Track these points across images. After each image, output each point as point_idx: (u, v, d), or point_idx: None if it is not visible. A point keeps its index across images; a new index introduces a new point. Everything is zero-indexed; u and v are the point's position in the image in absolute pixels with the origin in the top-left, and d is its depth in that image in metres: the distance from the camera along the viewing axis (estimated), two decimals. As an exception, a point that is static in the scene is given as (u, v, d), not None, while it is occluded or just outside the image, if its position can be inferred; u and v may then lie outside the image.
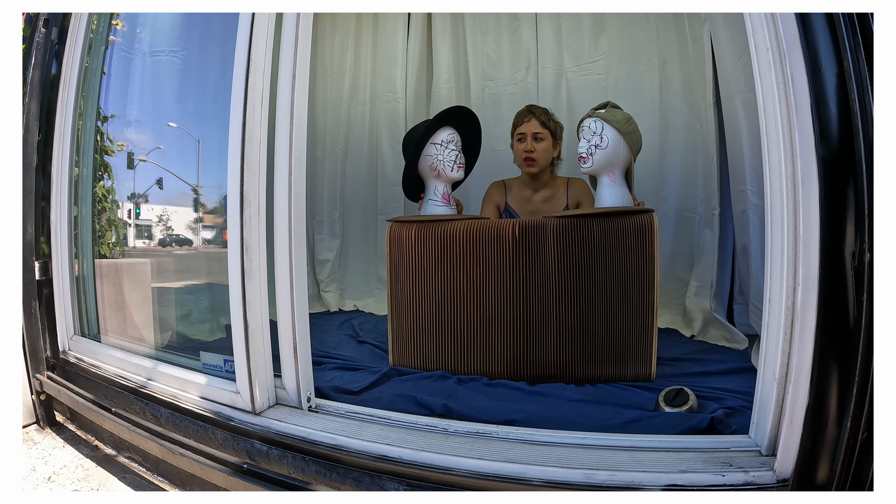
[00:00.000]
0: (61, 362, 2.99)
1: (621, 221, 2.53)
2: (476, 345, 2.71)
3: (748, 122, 3.11)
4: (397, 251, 2.81)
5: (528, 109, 3.28)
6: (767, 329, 1.54)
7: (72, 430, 2.95)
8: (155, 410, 2.30)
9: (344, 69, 5.18)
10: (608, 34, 4.21)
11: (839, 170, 1.30)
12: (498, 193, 3.41)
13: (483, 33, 4.67)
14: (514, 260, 2.63)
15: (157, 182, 3.21)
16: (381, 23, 5.05)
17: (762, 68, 1.50)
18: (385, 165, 4.98)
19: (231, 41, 2.10)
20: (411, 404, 2.19)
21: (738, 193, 3.37)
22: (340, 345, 3.47)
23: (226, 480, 2.00)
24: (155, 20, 3.17)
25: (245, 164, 1.98)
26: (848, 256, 1.27)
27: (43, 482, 2.40)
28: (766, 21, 1.45)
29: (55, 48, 3.09)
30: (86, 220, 3.16)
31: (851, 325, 1.26)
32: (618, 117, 2.63)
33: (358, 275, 5.14)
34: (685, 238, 3.92)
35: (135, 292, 3.26)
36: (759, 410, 1.60)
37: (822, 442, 1.33)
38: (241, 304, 2.01)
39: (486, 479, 1.58)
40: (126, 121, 3.31)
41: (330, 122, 5.23)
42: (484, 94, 4.64)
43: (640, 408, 2.16)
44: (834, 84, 1.33)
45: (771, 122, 1.47)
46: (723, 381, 2.46)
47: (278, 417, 2.00)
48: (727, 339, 3.27)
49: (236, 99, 2.02)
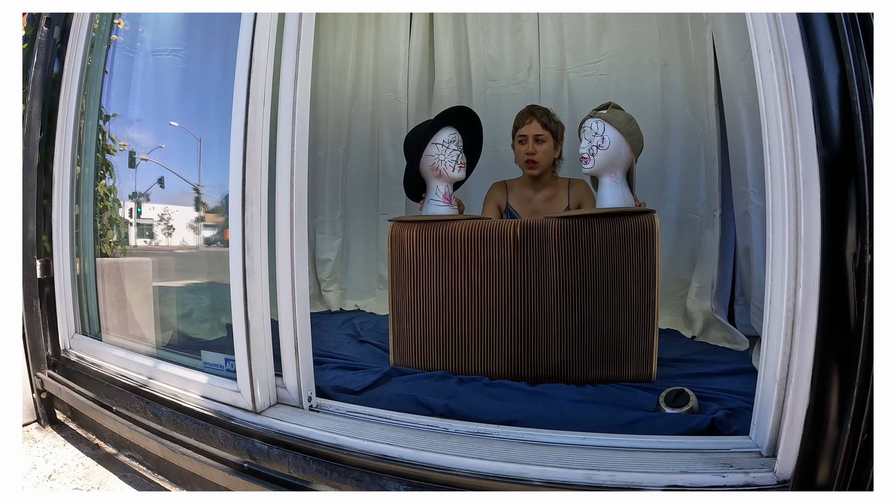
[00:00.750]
0: (62, 361, 3.00)
1: (623, 222, 2.52)
2: (477, 345, 2.70)
3: (750, 123, 3.10)
4: (398, 251, 2.81)
5: (529, 111, 3.28)
6: (768, 330, 1.54)
7: (72, 428, 2.95)
8: (156, 409, 2.30)
9: (346, 69, 5.19)
10: (610, 35, 4.21)
11: (840, 171, 1.30)
12: (499, 194, 3.41)
13: (485, 33, 4.67)
14: (515, 260, 2.62)
15: (158, 181, 3.21)
16: (383, 23, 5.06)
17: (764, 69, 1.50)
18: (386, 165, 4.99)
19: (233, 40, 2.10)
20: (412, 404, 2.19)
21: (740, 194, 3.37)
22: (341, 344, 3.47)
23: (226, 479, 2.01)
24: (157, 19, 3.18)
25: (247, 163, 1.98)
26: (849, 258, 1.27)
27: (43, 480, 2.40)
28: (768, 22, 1.45)
29: (57, 47, 3.10)
30: (87, 219, 3.16)
31: (852, 326, 1.26)
32: (619, 118, 2.63)
33: (359, 274, 5.15)
34: (686, 239, 3.92)
35: (136, 291, 3.26)
36: (759, 412, 1.60)
37: (823, 443, 1.33)
38: (243, 303, 2.02)
39: (487, 479, 1.58)
40: (128, 120, 3.31)
41: (332, 122, 5.24)
42: (486, 95, 4.65)
43: (640, 408, 2.16)
44: (836, 85, 1.33)
45: (772, 123, 1.47)
46: (723, 382, 2.45)
47: (279, 417, 2.00)
48: (728, 340, 3.27)
49: (238, 98, 2.02)
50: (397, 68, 4.99)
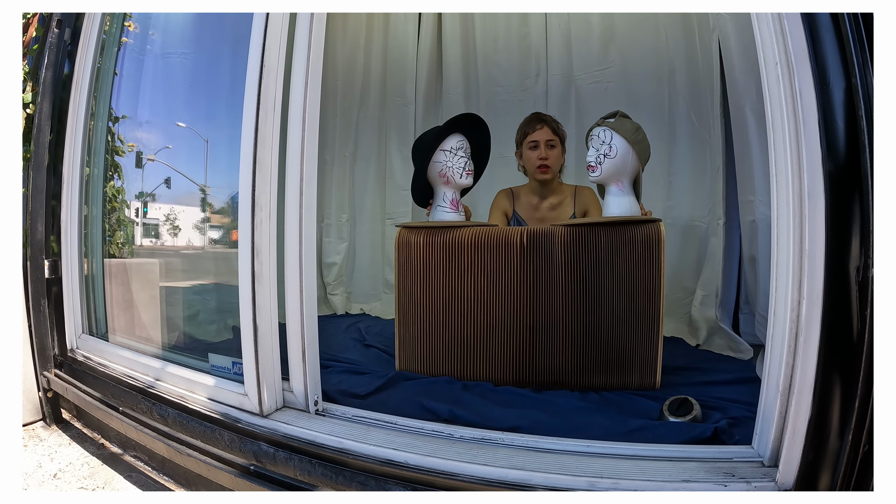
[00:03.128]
0: (69, 360, 3.01)
1: (629, 231, 2.53)
2: (482, 351, 2.72)
3: (759, 131, 3.10)
4: (406, 256, 2.82)
5: (539, 117, 3.29)
6: (772, 341, 1.55)
7: (78, 427, 2.97)
8: (162, 410, 2.31)
9: (354, 72, 5.20)
10: (617, 42, 4.22)
11: (845, 185, 1.31)
12: (506, 201, 3.42)
13: (493, 39, 4.69)
14: (521, 267, 2.63)
15: (165, 181, 3.23)
16: (391, 27, 5.08)
17: (770, 82, 1.51)
18: (393, 169, 5.00)
19: (241, 44, 2.12)
20: (417, 409, 2.20)
21: (747, 203, 3.37)
22: (347, 348, 3.49)
23: (232, 481, 2.01)
24: (167, 22, 3.21)
25: (257, 169, 2.00)
26: (852, 271, 1.28)
27: (49, 479, 2.42)
28: (775, 35, 1.46)
29: (68, 48, 3.12)
30: (96, 220, 3.19)
31: (855, 338, 1.27)
32: (627, 126, 2.64)
33: (365, 278, 5.17)
34: (692, 247, 3.92)
35: (143, 292, 3.28)
36: (762, 421, 1.61)
37: (824, 454, 1.34)
38: (251, 307, 2.03)
39: (491, 485, 1.59)
40: (137, 121, 3.34)
41: (340, 125, 5.25)
42: (493, 100, 4.66)
43: (644, 416, 2.16)
44: (842, 99, 1.33)
45: (779, 136, 1.48)
46: (727, 391, 2.46)
47: (286, 420, 2.01)
48: (732, 348, 3.26)
49: (249, 104, 2.03)
50: (405, 73, 5.00)
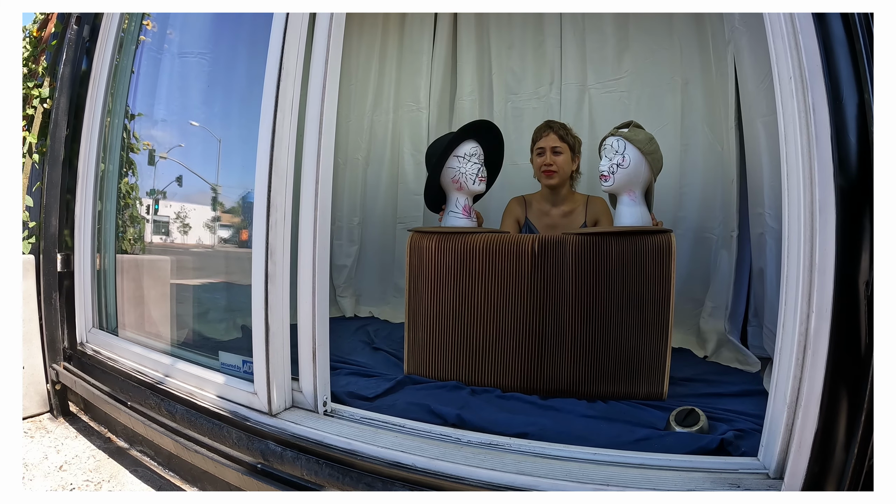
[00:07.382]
0: (78, 354, 3.04)
1: (639, 241, 2.54)
2: (491, 357, 2.73)
3: (769, 145, 3.10)
4: (417, 261, 2.84)
5: (547, 125, 3.32)
6: (780, 354, 1.55)
7: (85, 420, 2.99)
8: (170, 406, 2.33)
9: (369, 77, 5.21)
10: (632, 52, 4.21)
11: (856, 200, 1.31)
12: (518, 208, 3.43)
13: (508, 47, 4.68)
14: (532, 275, 2.64)
15: (176, 179, 3.26)
16: (406, 32, 5.09)
17: (784, 96, 1.52)
18: (406, 174, 4.99)
19: (258, 45, 2.15)
20: (425, 413, 2.21)
21: (756, 216, 3.37)
22: (355, 350, 3.50)
23: (239, 479, 2.03)
24: (185, 22, 3.23)
25: (273, 171, 2.02)
26: (862, 285, 1.28)
27: (54, 470, 2.44)
28: (790, 49, 1.47)
29: (86, 45, 3.15)
30: (110, 216, 3.21)
31: (863, 353, 1.27)
32: (640, 137, 2.65)
33: (374, 281, 5.16)
34: (702, 258, 3.90)
35: (154, 288, 3.30)
36: (768, 433, 1.61)
37: (830, 467, 1.34)
38: (264, 307, 2.05)
39: (498, 490, 1.60)
40: (153, 120, 3.36)
41: (353, 129, 5.26)
42: (507, 108, 4.65)
43: (650, 426, 2.16)
44: (854, 114, 1.34)
45: (791, 149, 1.48)
46: (734, 403, 2.46)
47: (294, 420, 2.02)
48: (740, 361, 3.26)
49: (267, 107, 2.05)
50: (420, 78, 5.00)
